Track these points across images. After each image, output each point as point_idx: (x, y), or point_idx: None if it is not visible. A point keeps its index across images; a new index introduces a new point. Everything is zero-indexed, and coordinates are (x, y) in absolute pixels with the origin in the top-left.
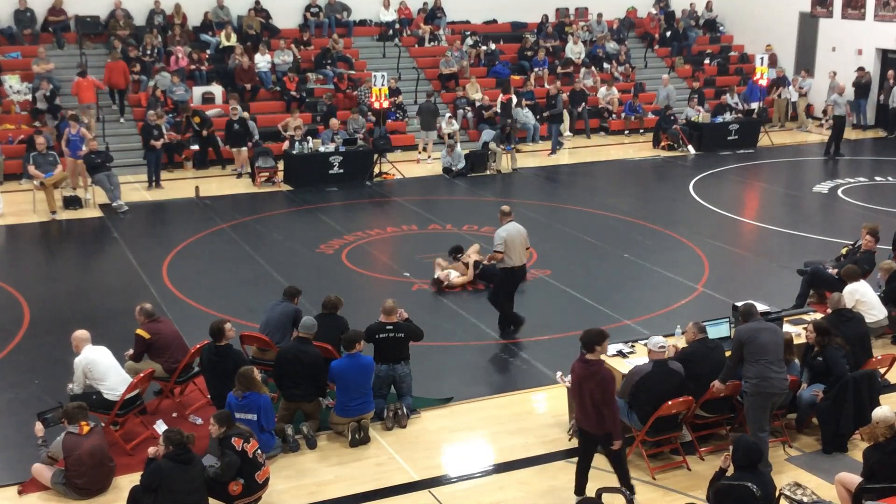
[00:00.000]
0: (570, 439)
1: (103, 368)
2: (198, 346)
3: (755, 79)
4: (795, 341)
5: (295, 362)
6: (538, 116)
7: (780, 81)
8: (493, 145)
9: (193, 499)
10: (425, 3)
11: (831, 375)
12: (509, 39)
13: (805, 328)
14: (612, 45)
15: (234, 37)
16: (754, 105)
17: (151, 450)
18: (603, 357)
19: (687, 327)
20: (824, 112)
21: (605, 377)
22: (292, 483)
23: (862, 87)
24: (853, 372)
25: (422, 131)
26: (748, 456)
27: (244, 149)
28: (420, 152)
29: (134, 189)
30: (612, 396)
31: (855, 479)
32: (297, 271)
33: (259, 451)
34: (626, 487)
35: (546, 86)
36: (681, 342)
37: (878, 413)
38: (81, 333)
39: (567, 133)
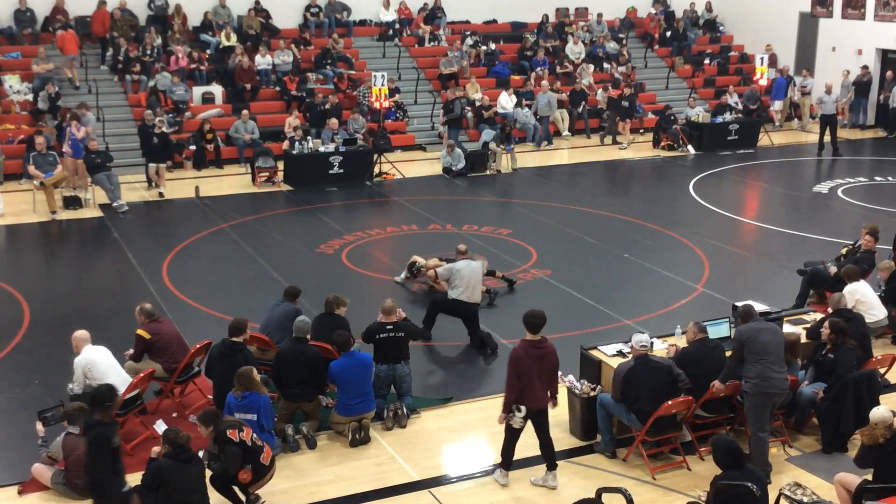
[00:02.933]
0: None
1: (103, 368)
2: (198, 345)
3: (755, 79)
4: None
5: (294, 363)
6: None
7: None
8: (493, 145)
9: (195, 497)
10: (425, 3)
11: (833, 374)
12: (509, 39)
13: (806, 328)
14: (612, 45)
15: (234, 37)
16: (778, 104)
17: (155, 450)
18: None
19: (687, 327)
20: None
21: (554, 350)
22: (292, 483)
23: (862, 86)
24: (854, 373)
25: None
26: (729, 454)
27: (163, 165)
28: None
29: (134, 189)
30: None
31: (855, 479)
32: (297, 271)
33: (255, 436)
34: (550, 460)
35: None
36: (681, 342)
37: (875, 414)
38: (81, 333)
39: (566, 133)
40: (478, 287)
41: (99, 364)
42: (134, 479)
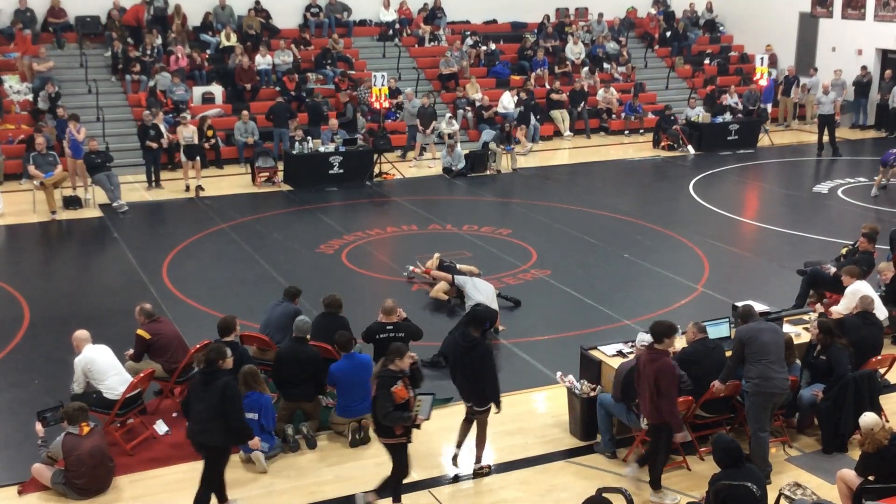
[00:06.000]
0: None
1: (103, 367)
2: (198, 345)
3: (755, 79)
4: (796, 340)
5: (293, 363)
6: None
7: (793, 80)
8: (493, 145)
9: (208, 415)
10: (425, 3)
11: (832, 375)
12: (509, 39)
13: (806, 328)
14: (612, 45)
15: (234, 37)
16: (767, 106)
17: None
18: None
19: (687, 327)
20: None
21: (661, 367)
22: (292, 483)
23: (862, 86)
24: (854, 372)
25: (420, 134)
26: (729, 454)
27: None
28: (418, 156)
29: (134, 189)
30: (667, 388)
31: (857, 476)
32: (297, 271)
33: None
34: (654, 483)
35: (546, 86)
36: (681, 342)
37: (868, 420)
38: (81, 333)
39: (567, 133)
40: (494, 297)
41: (98, 363)
42: (133, 479)
